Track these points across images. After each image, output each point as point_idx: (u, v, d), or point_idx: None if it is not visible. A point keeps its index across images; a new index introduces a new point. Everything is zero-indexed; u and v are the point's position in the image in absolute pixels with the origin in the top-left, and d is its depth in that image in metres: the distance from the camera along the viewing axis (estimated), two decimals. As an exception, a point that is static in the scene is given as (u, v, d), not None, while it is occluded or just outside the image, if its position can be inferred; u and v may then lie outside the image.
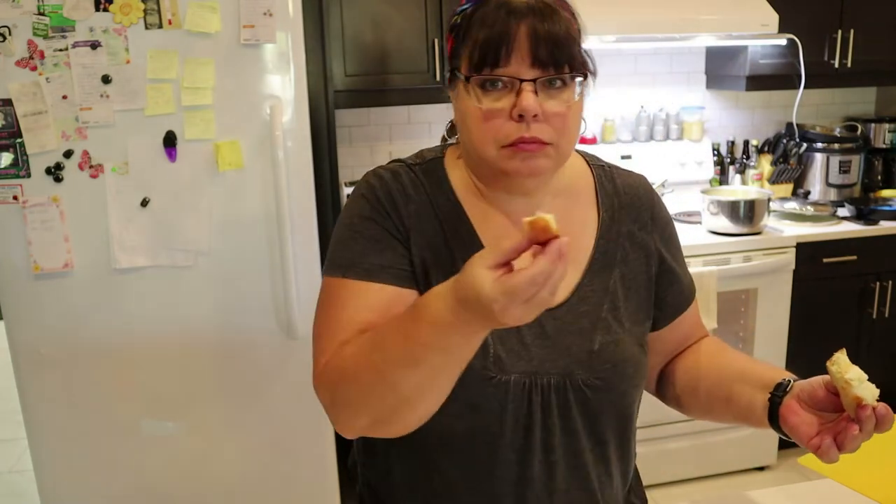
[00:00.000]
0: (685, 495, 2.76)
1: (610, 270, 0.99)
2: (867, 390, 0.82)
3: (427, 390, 0.81)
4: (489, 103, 0.86)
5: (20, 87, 1.88)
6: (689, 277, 1.10)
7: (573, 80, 0.87)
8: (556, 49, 0.85)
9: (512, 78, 0.85)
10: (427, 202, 0.96)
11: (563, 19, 0.86)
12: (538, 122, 0.86)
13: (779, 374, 0.94)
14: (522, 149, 0.87)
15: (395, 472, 1.03)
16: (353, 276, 0.91)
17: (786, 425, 0.89)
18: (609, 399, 0.95)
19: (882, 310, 2.91)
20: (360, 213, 0.94)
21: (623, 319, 0.98)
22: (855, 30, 2.94)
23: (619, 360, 0.95)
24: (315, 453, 2.21)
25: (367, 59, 2.61)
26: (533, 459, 0.94)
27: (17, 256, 1.95)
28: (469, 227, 0.96)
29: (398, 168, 0.98)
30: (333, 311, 0.92)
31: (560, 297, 0.96)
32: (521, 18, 0.85)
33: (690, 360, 1.08)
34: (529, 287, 0.68)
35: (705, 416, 1.07)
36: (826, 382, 0.87)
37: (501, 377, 0.91)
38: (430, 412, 0.84)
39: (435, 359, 0.77)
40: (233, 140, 2.00)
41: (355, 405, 0.86)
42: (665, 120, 3.20)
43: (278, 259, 2.07)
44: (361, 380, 0.83)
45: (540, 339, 0.94)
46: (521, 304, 0.69)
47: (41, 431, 2.06)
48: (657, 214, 1.05)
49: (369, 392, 0.83)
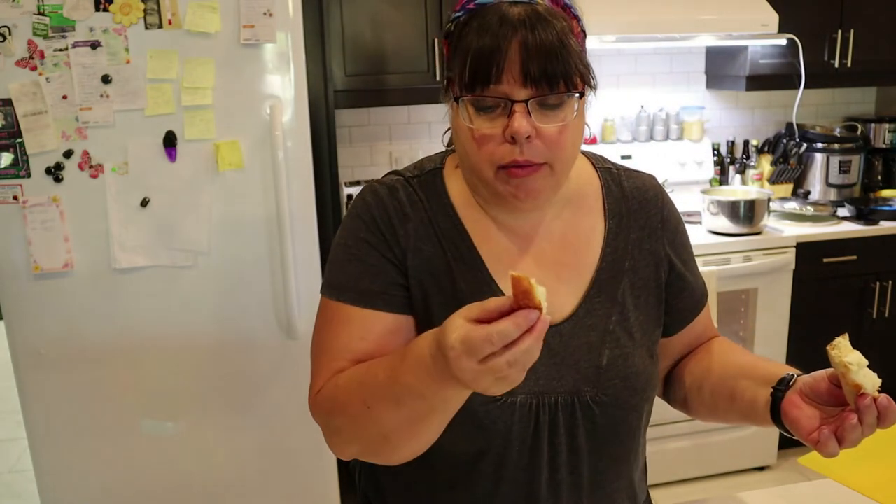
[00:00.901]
0: (685, 495, 2.76)
1: (618, 280, 0.96)
2: (867, 378, 0.78)
3: (408, 432, 0.81)
4: (482, 124, 0.83)
5: (20, 87, 1.88)
6: (701, 280, 1.07)
7: (570, 97, 0.83)
8: (548, 65, 0.80)
9: (503, 99, 0.82)
10: (426, 220, 0.93)
11: (559, 28, 0.82)
12: (531, 143, 0.82)
13: (783, 369, 0.91)
14: (515, 174, 0.84)
15: (396, 489, 1.01)
16: (346, 300, 0.90)
17: (787, 419, 0.86)
18: (618, 415, 0.93)
19: (882, 310, 2.91)
20: (356, 234, 0.92)
21: (633, 330, 0.95)
22: (855, 30, 2.94)
23: (628, 374, 0.93)
24: (315, 453, 2.21)
25: (367, 59, 2.61)
26: (540, 478, 0.92)
27: (17, 256, 1.95)
28: (470, 245, 0.93)
29: (395, 183, 0.95)
30: (328, 336, 0.92)
31: (566, 311, 0.94)
32: (512, 33, 0.80)
33: (697, 360, 1.06)
34: (483, 344, 0.65)
35: (711, 415, 1.04)
36: (829, 375, 0.84)
37: (507, 398, 0.89)
38: (417, 451, 0.84)
39: (415, 403, 0.77)
40: (233, 140, 2.00)
41: (345, 434, 0.87)
42: (665, 120, 3.20)
43: (278, 259, 2.07)
44: (349, 411, 0.84)
45: (547, 356, 0.90)
46: (477, 363, 0.66)
47: (41, 431, 2.06)
48: (667, 218, 1.01)
49: (356, 424, 0.84)
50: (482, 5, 0.84)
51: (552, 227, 0.96)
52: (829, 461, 1.20)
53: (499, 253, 0.93)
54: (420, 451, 0.85)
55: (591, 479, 0.95)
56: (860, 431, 0.79)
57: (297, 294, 2.07)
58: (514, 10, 0.82)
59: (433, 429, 0.81)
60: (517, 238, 0.95)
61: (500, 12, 0.82)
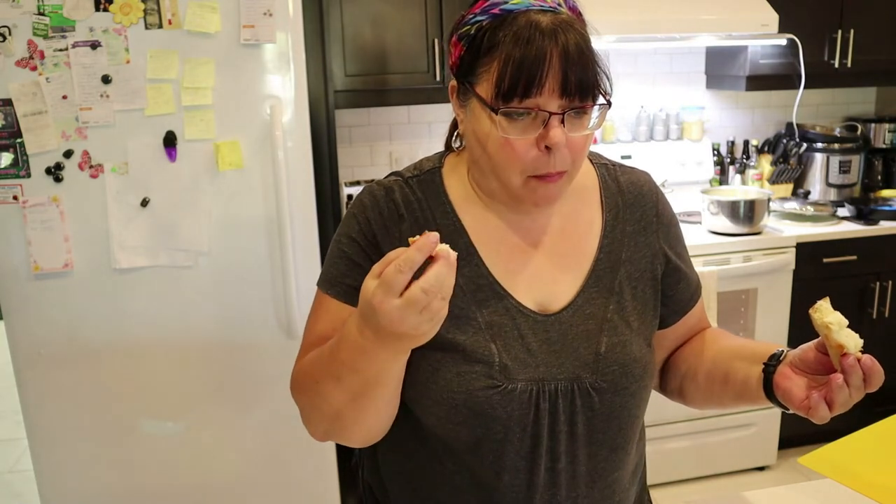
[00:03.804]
0: (685, 495, 2.76)
1: (615, 271, 0.98)
2: (849, 338, 0.80)
3: (353, 408, 0.85)
4: (515, 133, 0.84)
5: (20, 87, 1.88)
6: (695, 274, 1.09)
7: (599, 107, 0.86)
8: (584, 76, 0.83)
9: (541, 111, 0.83)
10: (422, 218, 0.95)
11: (586, 38, 0.84)
12: (561, 153, 0.85)
13: (774, 347, 0.94)
14: (546, 182, 0.87)
15: (398, 478, 1.02)
16: (332, 294, 0.95)
17: (779, 391, 0.88)
18: (617, 401, 0.94)
19: (882, 310, 2.91)
20: (349, 233, 0.96)
21: (630, 319, 0.97)
22: (855, 30, 2.94)
23: (627, 361, 0.94)
24: (315, 453, 2.21)
25: (367, 59, 2.61)
26: (539, 467, 0.93)
27: (17, 256, 1.95)
28: (468, 241, 0.95)
29: (393, 184, 0.97)
30: (312, 323, 0.97)
31: (565, 300, 0.95)
32: (551, 44, 0.81)
33: (691, 349, 1.08)
34: (395, 275, 0.70)
35: (706, 401, 1.06)
36: (817, 344, 0.86)
37: (507, 385, 0.90)
38: (372, 431, 0.90)
39: (351, 378, 0.82)
40: (233, 140, 2.00)
41: (307, 413, 0.93)
42: (665, 120, 3.20)
43: (278, 259, 2.07)
44: (306, 389, 0.91)
45: (546, 344, 0.93)
46: (398, 300, 0.70)
47: (41, 431, 2.06)
48: (661, 212, 1.04)
49: (311, 402, 0.90)
50: (509, 11, 0.85)
51: (552, 220, 0.99)
52: (829, 461, 1.20)
53: (497, 248, 0.96)
54: (376, 432, 0.91)
55: (590, 469, 0.96)
56: (847, 392, 0.81)
57: (297, 294, 2.07)
58: (544, 19, 0.83)
59: (379, 406, 0.86)
60: (517, 233, 0.97)
61: (531, 20, 0.83)
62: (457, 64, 0.90)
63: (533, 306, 0.94)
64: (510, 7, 0.85)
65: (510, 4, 0.85)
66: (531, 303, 0.94)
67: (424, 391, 0.92)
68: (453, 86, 0.92)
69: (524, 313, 0.93)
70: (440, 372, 0.90)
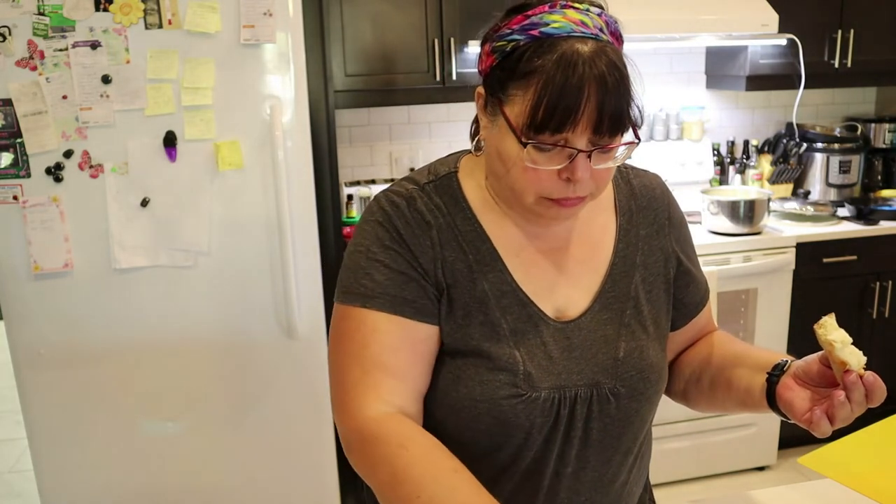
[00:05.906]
0: (685, 495, 2.76)
1: (630, 275, 0.98)
2: (853, 355, 0.81)
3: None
4: (541, 163, 0.83)
5: (20, 87, 1.88)
6: (704, 276, 1.10)
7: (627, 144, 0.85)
8: (617, 118, 0.82)
9: (570, 147, 0.82)
10: (446, 225, 0.93)
11: (626, 74, 0.83)
12: (583, 182, 0.84)
13: (778, 356, 0.94)
14: (565, 205, 0.87)
15: None
16: (374, 306, 0.88)
17: (781, 402, 0.88)
18: (633, 407, 0.94)
19: (882, 310, 2.91)
20: (380, 242, 0.91)
21: (647, 323, 0.97)
22: (855, 30, 2.94)
23: (644, 367, 0.94)
24: (315, 453, 2.21)
25: (368, 58, 2.61)
26: (546, 470, 0.93)
27: (17, 256, 1.95)
28: (490, 246, 0.94)
29: (412, 192, 0.94)
30: (354, 345, 0.89)
31: (583, 306, 0.95)
32: (588, 84, 0.79)
33: (697, 352, 1.08)
34: None
35: (709, 405, 1.06)
36: (820, 357, 0.86)
37: (531, 394, 0.89)
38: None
39: None
40: (233, 140, 1.99)
41: (367, 478, 0.86)
42: (665, 120, 3.20)
43: (278, 259, 2.07)
44: (381, 490, 0.83)
45: (567, 350, 0.93)
46: None
47: (41, 431, 2.06)
48: (673, 215, 1.04)
49: (391, 493, 0.81)
50: (549, 35, 0.82)
51: (568, 225, 0.98)
52: (829, 461, 1.20)
53: (517, 254, 0.95)
54: None
55: (598, 473, 0.96)
56: (849, 408, 0.82)
57: (297, 294, 2.07)
58: (584, 50, 0.81)
59: None
60: (534, 239, 0.96)
61: (571, 51, 0.80)
62: (487, 73, 0.88)
63: (551, 313, 0.94)
64: (550, 31, 0.82)
65: (551, 28, 0.82)
66: (550, 309, 0.94)
67: (444, 398, 0.91)
68: (480, 92, 0.90)
69: (545, 320, 0.93)
70: (462, 380, 0.90)
